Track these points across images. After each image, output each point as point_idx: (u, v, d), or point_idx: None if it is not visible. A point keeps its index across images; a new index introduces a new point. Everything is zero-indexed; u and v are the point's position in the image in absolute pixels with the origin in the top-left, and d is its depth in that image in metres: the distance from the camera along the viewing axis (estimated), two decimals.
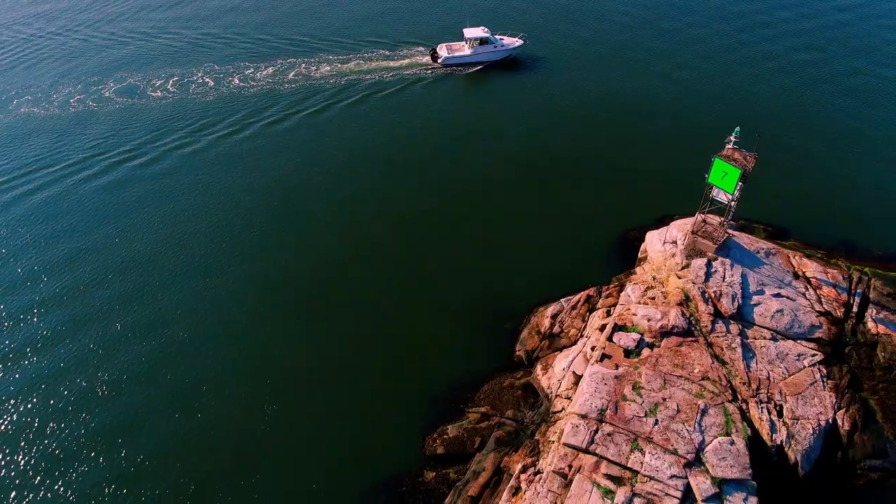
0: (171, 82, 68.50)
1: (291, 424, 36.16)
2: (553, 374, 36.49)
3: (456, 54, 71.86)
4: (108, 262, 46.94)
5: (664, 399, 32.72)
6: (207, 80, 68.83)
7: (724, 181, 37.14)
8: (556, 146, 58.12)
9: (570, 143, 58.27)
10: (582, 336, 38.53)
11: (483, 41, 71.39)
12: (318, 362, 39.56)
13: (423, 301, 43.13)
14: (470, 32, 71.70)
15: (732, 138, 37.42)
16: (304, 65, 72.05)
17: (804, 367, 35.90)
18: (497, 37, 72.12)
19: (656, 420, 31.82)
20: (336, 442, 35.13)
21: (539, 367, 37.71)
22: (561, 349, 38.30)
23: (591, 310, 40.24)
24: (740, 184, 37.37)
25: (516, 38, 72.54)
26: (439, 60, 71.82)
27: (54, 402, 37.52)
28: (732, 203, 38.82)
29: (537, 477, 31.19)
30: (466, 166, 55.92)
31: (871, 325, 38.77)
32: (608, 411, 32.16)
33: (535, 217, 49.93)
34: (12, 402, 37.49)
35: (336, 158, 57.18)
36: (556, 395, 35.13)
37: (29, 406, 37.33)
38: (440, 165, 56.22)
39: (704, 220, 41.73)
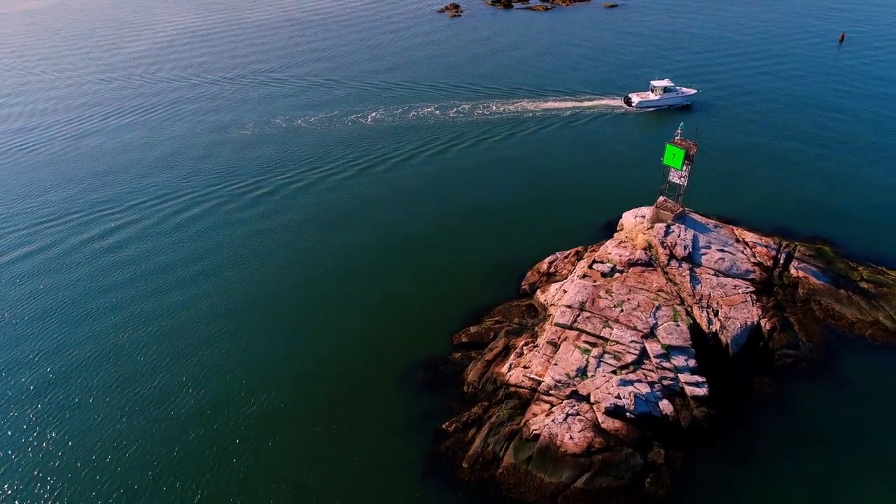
0: (412, 112, 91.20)
1: (355, 323, 48.94)
2: (549, 293, 48.56)
3: (645, 100, 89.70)
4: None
5: (629, 299, 44.68)
6: (434, 110, 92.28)
7: (674, 160, 51.02)
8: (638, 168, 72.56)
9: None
10: (571, 274, 50.84)
11: (666, 89, 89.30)
12: (383, 286, 53.33)
13: (459, 253, 57.02)
14: (657, 83, 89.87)
15: (679, 131, 51.63)
16: (531, 102, 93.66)
17: (739, 293, 47.69)
18: (677, 87, 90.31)
19: (622, 309, 43.67)
20: (386, 336, 47.10)
21: (539, 291, 49.83)
22: (555, 282, 50.53)
23: (579, 259, 52.76)
24: (687, 164, 51.20)
25: (692, 89, 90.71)
26: (633, 104, 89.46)
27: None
28: (683, 180, 52.36)
29: (535, 348, 42.72)
30: (562, 175, 72.24)
31: (794, 271, 50.72)
32: (587, 303, 44.12)
33: (552, 205, 64.69)
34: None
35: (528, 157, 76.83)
36: (551, 304, 47.09)
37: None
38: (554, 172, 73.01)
39: (665, 200, 55.08)
